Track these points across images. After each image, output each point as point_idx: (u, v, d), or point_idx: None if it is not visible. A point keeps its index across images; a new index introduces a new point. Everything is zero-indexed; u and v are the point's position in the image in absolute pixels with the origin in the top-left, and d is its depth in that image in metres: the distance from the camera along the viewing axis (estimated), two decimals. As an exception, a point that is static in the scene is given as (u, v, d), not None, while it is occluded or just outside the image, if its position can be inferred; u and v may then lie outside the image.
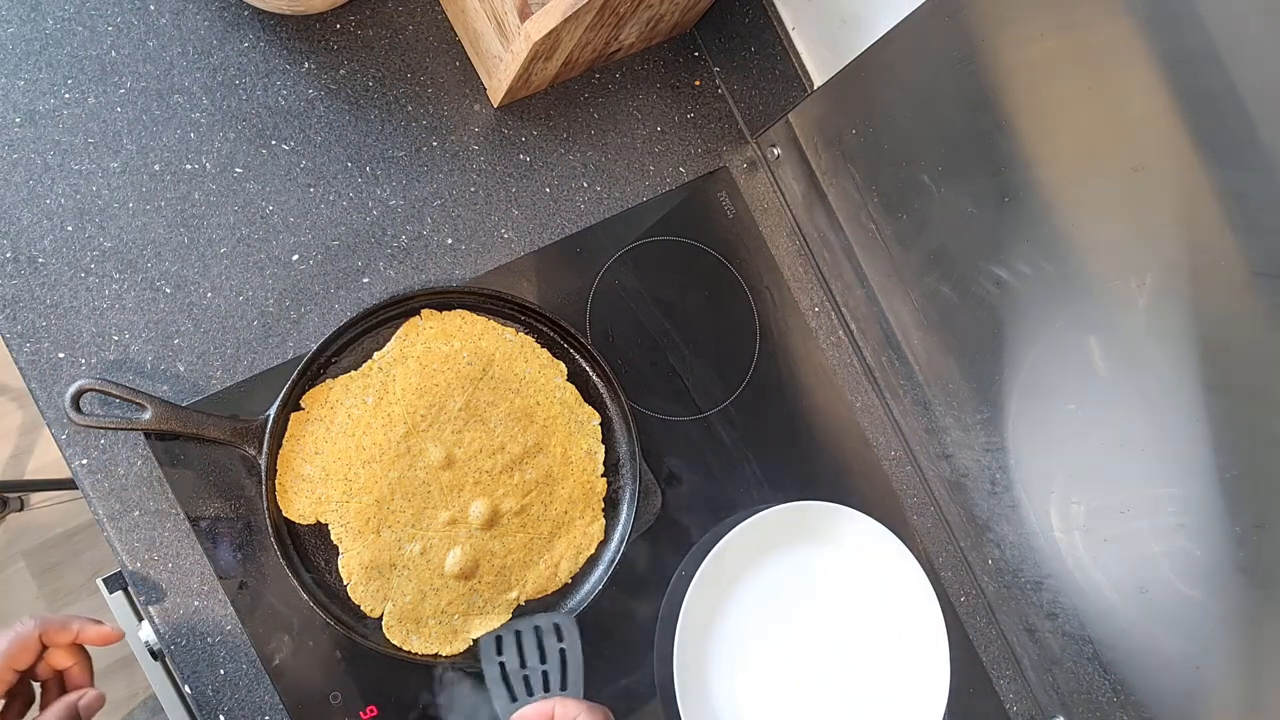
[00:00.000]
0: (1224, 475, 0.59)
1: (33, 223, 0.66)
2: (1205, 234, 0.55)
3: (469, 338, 0.73)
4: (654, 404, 0.80)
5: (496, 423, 0.72)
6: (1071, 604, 0.76)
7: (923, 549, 0.86)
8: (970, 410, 0.78)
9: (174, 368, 0.68)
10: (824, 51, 0.81)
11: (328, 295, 0.73)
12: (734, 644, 0.78)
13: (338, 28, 0.75)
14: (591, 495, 0.75)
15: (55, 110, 0.67)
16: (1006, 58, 0.62)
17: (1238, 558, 0.60)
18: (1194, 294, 0.57)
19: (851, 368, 0.88)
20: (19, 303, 0.65)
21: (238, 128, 0.72)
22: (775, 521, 0.78)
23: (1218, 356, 0.58)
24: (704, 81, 0.88)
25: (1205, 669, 0.67)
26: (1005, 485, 0.78)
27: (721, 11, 0.85)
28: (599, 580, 0.73)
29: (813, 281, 0.88)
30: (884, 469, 0.87)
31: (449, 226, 0.77)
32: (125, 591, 0.69)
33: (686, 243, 0.85)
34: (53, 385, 0.65)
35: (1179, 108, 0.53)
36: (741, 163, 0.88)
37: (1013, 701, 0.86)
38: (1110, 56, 0.56)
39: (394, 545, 0.69)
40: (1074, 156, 0.61)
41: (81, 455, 0.65)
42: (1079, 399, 0.68)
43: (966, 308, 0.74)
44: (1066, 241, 0.64)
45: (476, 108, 0.79)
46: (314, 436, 0.68)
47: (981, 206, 0.68)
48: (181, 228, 0.69)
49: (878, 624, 0.82)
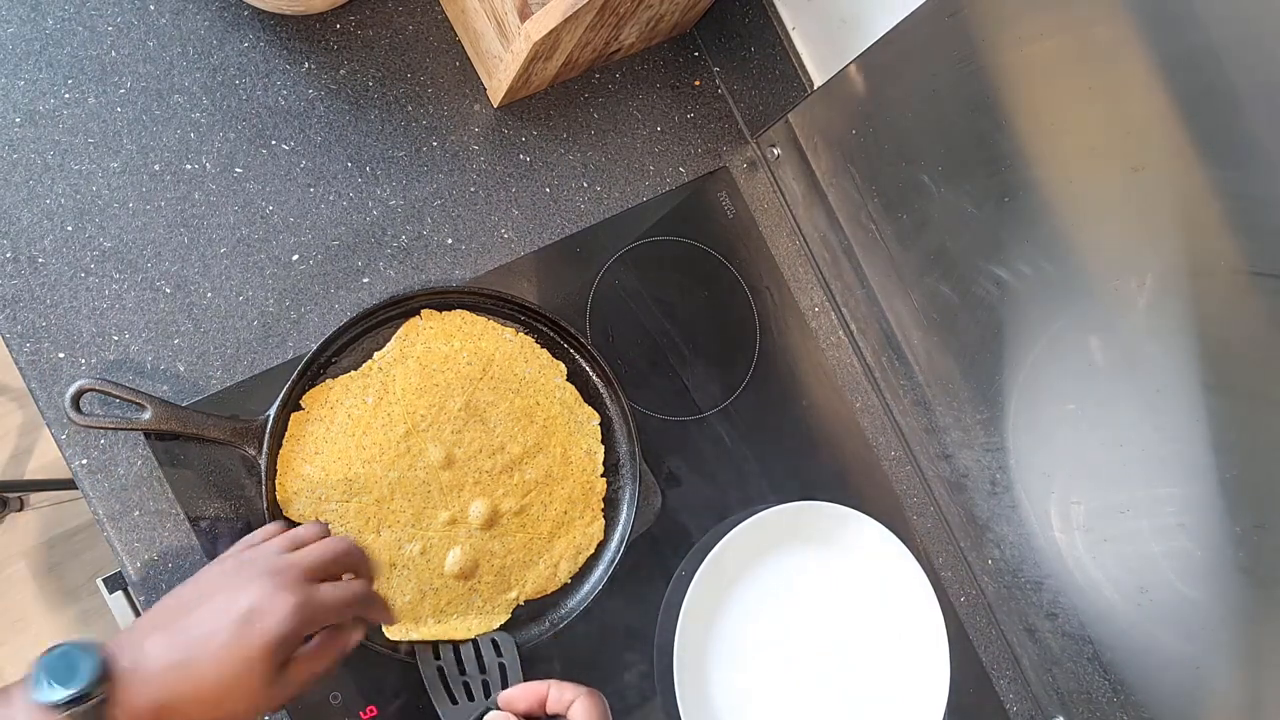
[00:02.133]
0: (1224, 475, 0.59)
1: (33, 223, 0.66)
2: (1205, 234, 0.55)
3: (469, 338, 0.73)
4: (654, 404, 0.80)
5: (496, 423, 0.72)
6: (1071, 604, 0.77)
7: (923, 549, 0.86)
8: (970, 410, 0.78)
9: (174, 368, 0.68)
10: (824, 51, 0.81)
11: (328, 295, 0.73)
12: (734, 644, 0.78)
13: (338, 28, 0.75)
14: (591, 495, 0.75)
15: (55, 110, 0.67)
16: (1006, 58, 0.62)
17: (1238, 558, 0.60)
18: (1194, 294, 0.57)
19: (851, 368, 0.88)
20: (19, 303, 0.65)
21: (238, 128, 0.72)
22: (775, 521, 0.78)
23: (1218, 356, 0.58)
24: (704, 81, 0.88)
25: (1205, 669, 0.67)
26: (1005, 485, 0.78)
27: (721, 11, 0.85)
28: (599, 580, 0.73)
29: (813, 281, 0.88)
30: (884, 469, 0.87)
31: (449, 226, 0.77)
32: (125, 591, 0.70)
33: (686, 243, 0.85)
34: (53, 385, 0.65)
35: (1179, 108, 0.53)
36: (741, 163, 0.88)
37: (1013, 701, 0.86)
38: (1110, 56, 0.56)
39: (394, 545, 0.69)
40: (1074, 156, 0.61)
41: (81, 455, 0.65)
42: (1079, 399, 0.68)
43: (966, 308, 0.74)
44: (1066, 241, 0.64)
45: (476, 108, 0.79)
46: (314, 436, 0.68)
47: (981, 206, 0.68)
48: (181, 228, 0.69)
49: (877, 624, 0.82)
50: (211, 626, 0.49)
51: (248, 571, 0.51)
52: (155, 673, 0.47)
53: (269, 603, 0.49)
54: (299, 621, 0.50)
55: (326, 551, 0.55)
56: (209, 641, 0.48)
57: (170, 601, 0.51)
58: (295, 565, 0.52)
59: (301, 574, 0.52)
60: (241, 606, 0.49)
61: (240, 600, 0.49)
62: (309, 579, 0.52)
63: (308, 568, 0.53)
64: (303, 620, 0.50)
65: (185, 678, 0.48)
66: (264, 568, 0.52)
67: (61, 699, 0.44)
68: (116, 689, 0.46)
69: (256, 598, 0.49)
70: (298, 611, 0.50)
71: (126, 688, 0.46)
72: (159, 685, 0.47)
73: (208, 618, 0.49)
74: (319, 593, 0.52)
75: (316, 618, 0.51)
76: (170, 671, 0.48)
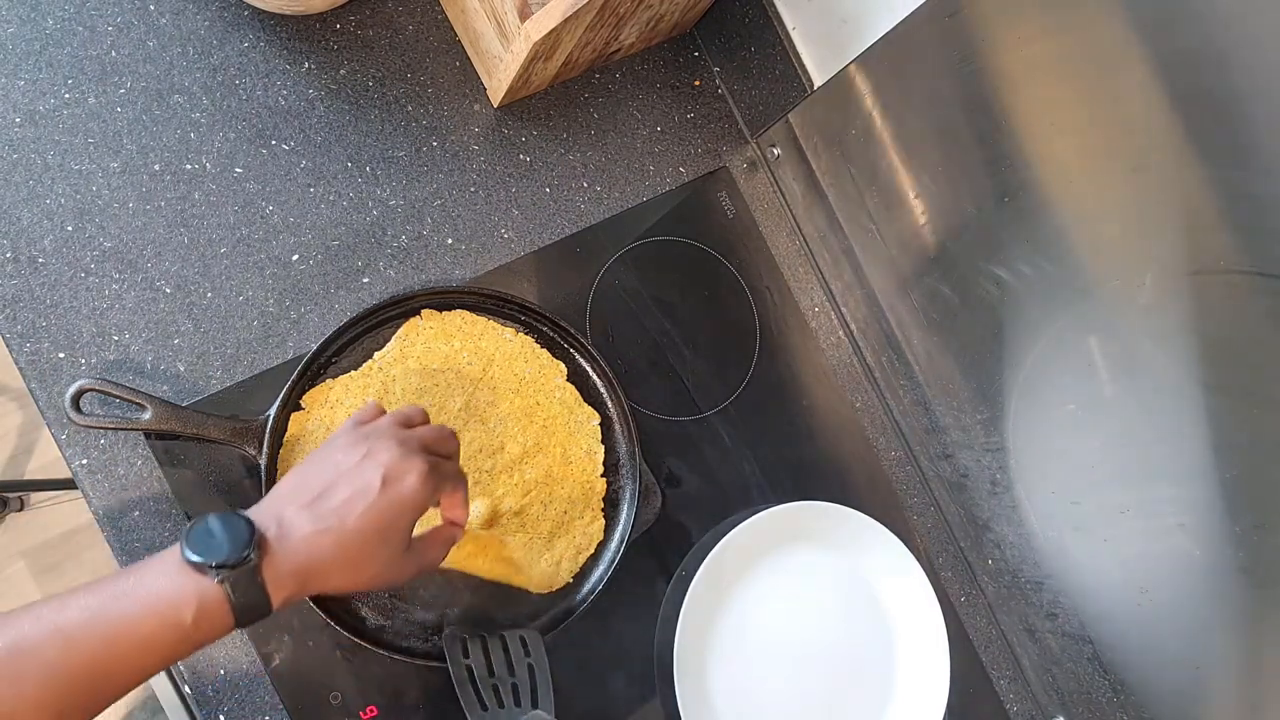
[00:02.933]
0: (1224, 475, 0.59)
1: (33, 223, 0.66)
2: (1205, 234, 0.55)
3: (469, 338, 0.73)
4: (654, 404, 0.80)
5: (496, 423, 0.72)
6: (1071, 604, 0.77)
7: (923, 549, 0.86)
8: (970, 410, 0.78)
9: (174, 368, 0.68)
10: (824, 51, 0.81)
11: (328, 295, 0.73)
12: (734, 644, 0.78)
13: (338, 28, 0.75)
14: (591, 495, 0.75)
15: (55, 110, 0.67)
16: (1006, 58, 0.62)
17: (1238, 558, 0.60)
18: (1194, 294, 0.57)
19: (851, 368, 0.88)
20: (19, 303, 0.65)
21: (238, 128, 0.72)
22: (775, 521, 0.78)
23: (1218, 356, 0.58)
24: (704, 81, 0.88)
25: (1205, 669, 0.67)
26: (1005, 485, 0.78)
27: (721, 11, 0.85)
28: (599, 580, 0.73)
29: (813, 281, 0.88)
30: (884, 469, 0.87)
31: (449, 226, 0.77)
32: (125, 591, 0.69)
33: (686, 243, 0.85)
34: (53, 385, 0.65)
35: (1179, 108, 0.53)
36: (741, 163, 0.88)
37: (1013, 701, 0.86)
38: (1110, 56, 0.56)
39: (394, 545, 0.69)
40: (1074, 156, 0.61)
41: (81, 455, 0.65)
42: (1079, 399, 0.68)
43: (966, 308, 0.74)
44: (1066, 241, 0.64)
45: (476, 108, 0.79)
46: (314, 436, 0.68)
47: (981, 206, 0.68)
48: (181, 228, 0.69)
49: (878, 624, 0.82)
50: (351, 492, 0.51)
51: (375, 443, 0.54)
52: (301, 539, 0.49)
53: (402, 467, 0.53)
54: (432, 484, 0.54)
55: (438, 431, 0.58)
56: (352, 505, 0.51)
57: (299, 477, 0.53)
58: (416, 437, 0.56)
59: (421, 444, 0.55)
60: (378, 473, 0.52)
61: (373, 468, 0.52)
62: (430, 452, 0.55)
63: (426, 440, 0.56)
64: (434, 484, 0.54)
65: (331, 542, 0.50)
66: (390, 438, 0.54)
67: (217, 561, 0.46)
68: (269, 557, 0.48)
69: (390, 464, 0.52)
70: (431, 475, 0.53)
71: (275, 554, 0.48)
72: (306, 551, 0.49)
73: (345, 485, 0.52)
74: (440, 462, 0.55)
75: (443, 484, 0.55)
76: (316, 537, 0.50)
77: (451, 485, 0.58)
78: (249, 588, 0.47)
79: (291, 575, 0.49)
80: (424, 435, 0.56)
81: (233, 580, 0.46)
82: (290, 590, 0.49)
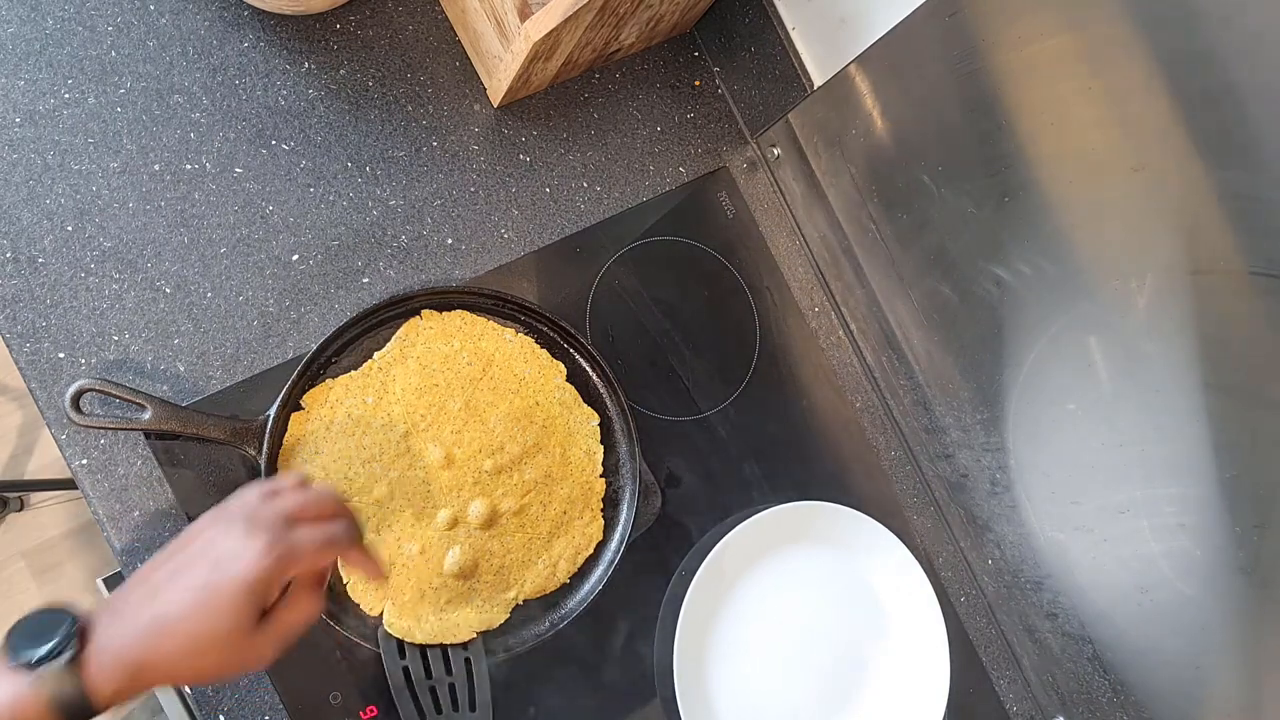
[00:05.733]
0: (1224, 475, 0.59)
1: (33, 223, 0.66)
2: (1205, 234, 0.55)
3: (469, 338, 0.73)
4: (654, 404, 0.80)
5: (496, 423, 0.72)
6: (1071, 604, 0.77)
7: (923, 549, 0.86)
8: (970, 410, 0.78)
9: (174, 368, 0.68)
10: (824, 51, 0.81)
11: (328, 295, 0.73)
12: (734, 644, 0.78)
13: (338, 28, 0.75)
14: (591, 495, 0.75)
15: (55, 110, 0.67)
16: (1006, 58, 0.62)
17: (1238, 558, 0.60)
18: (1194, 294, 0.57)
19: (851, 368, 0.88)
20: (19, 303, 0.65)
21: (238, 128, 0.72)
22: (775, 521, 0.78)
23: (1218, 356, 0.58)
24: (704, 81, 0.88)
25: (1205, 669, 0.67)
26: (1005, 485, 0.78)
27: (721, 11, 0.85)
28: (598, 580, 0.73)
29: (813, 281, 0.88)
30: (884, 469, 0.87)
31: (449, 226, 0.77)
32: (125, 591, 0.69)
33: (686, 243, 0.85)
34: (53, 385, 0.65)
35: (1179, 108, 0.53)
36: (741, 163, 0.88)
37: (1013, 701, 0.86)
38: (1110, 56, 0.56)
39: (393, 544, 0.69)
40: (1074, 156, 0.61)
41: (81, 455, 0.65)
42: (1079, 399, 0.68)
43: (966, 308, 0.74)
44: (1066, 241, 0.64)
45: (476, 108, 0.79)
46: (314, 436, 0.68)
47: (981, 206, 0.68)
48: (181, 228, 0.69)
49: (877, 624, 0.82)
50: (184, 575, 0.48)
51: (223, 520, 0.50)
52: (130, 629, 0.46)
53: (240, 545, 0.48)
54: (271, 562, 0.48)
55: (305, 497, 0.53)
56: (182, 590, 0.47)
57: (148, 563, 0.50)
58: (270, 509, 0.51)
59: (276, 518, 0.51)
60: (214, 552, 0.48)
61: (213, 547, 0.48)
62: (285, 524, 0.51)
63: (283, 512, 0.51)
64: (275, 561, 0.48)
65: (160, 630, 0.46)
66: (238, 515, 0.50)
67: (33, 658, 0.44)
68: (90, 647, 0.45)
69: (228, 543, 0.48)
70: (269, 551, 0.48)
71: (102, 647, 0.45)
72: (134, 640, 0.46)
73: (181, 566, 0.48)
74: (294, 534, 0.50)
75: (291, 559, 0.49)
76: (145, 626, 0.46)
77: (333, 549, 0.53)
78: (64, 685, 0.44)
79: (119, 667, 0.45)
80: (284, 505, 0.52)
81: (45, 678, 0.43)
82: (119, 684, 0.45)
